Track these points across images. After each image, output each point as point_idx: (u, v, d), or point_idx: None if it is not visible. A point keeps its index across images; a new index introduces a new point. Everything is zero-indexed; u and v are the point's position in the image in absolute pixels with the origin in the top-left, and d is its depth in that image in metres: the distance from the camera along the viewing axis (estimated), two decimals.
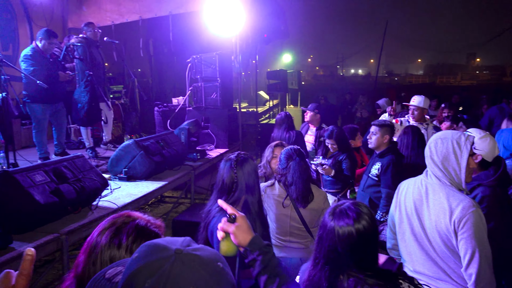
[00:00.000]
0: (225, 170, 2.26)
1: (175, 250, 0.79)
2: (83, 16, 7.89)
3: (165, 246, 0.81)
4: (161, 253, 0.79)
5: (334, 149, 4.22)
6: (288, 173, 2.88)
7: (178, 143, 5.11)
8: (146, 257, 0.79)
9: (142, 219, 1.28)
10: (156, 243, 0.83)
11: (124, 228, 1.21)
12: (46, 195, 2.89)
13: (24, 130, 6.43)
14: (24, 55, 4.99)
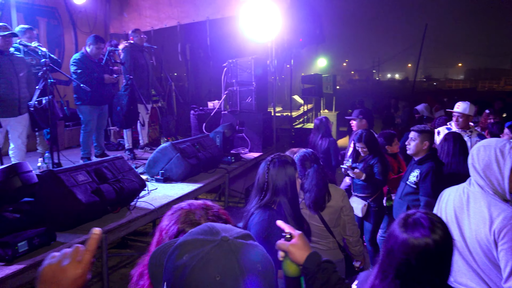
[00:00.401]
0: (260, 170, 2.29)
1: (222, 237, 0.82)
2: (124, 22, 8.17)
3: (218, 231, 0.84)
4: (211, 235, 0.83)
5: (364, 152, 4.14)
6: (305, 179, 2.88)
7: (213, 146, 5.17)
8: (197, 234, 0.84)
9: (215, 207, 1.34)
10: (213, 226, 0.86)
11: (203, 216, 1.29)
12: (88, 195, 3.00)
13: (67, 131, 6.72)
14: (73, 59, 5.29)
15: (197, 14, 7.60)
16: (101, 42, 5.38)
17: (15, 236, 2.46)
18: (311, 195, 2.83)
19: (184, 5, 7.64)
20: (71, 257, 0.97)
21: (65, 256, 0.97)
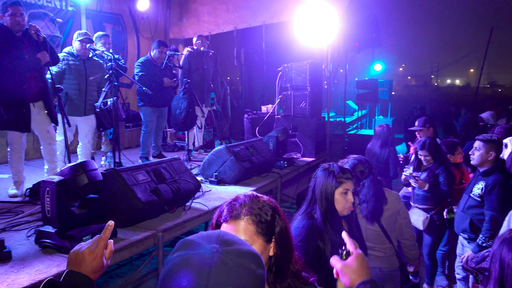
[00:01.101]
0: (312, 178, 2.25)
1: (212, 247, 0.82)
2: (183, 27, 8.43)
3: (218, 240, 0.85)
4: (208, 243, 0.84)
5: (427, 161, 3.93)
6: (361, 190, 2.78)
7: (266, 150, 5.18)
8: (201, 237, 0.87)
9: (264, 198, 1.40)
10: (220, 235, 0.87)
11: (266, 206, 1.35)
12: (147, 194, 3.10)
13: (127, 132, 7.03)
14: (137, 63, 5.59)
15: (253, 19, 7.68)
16: (164, 47, 5.62)
17: (81, 230, 2.59)
18: (369, 205, 2.74)
19: (241, 11, 7.75)
20: (89, 244, 1.21)
21: (86, 244, 1.21)
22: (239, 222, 1.31)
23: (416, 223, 3.86)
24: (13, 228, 3.02)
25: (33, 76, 3.93)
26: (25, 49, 3.89)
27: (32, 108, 4.00)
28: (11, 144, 4.02)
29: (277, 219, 1.36)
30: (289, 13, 7.14)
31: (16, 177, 4.07)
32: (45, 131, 4.18)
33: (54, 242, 2.54)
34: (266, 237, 1.32)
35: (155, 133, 5.91)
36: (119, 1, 7.41)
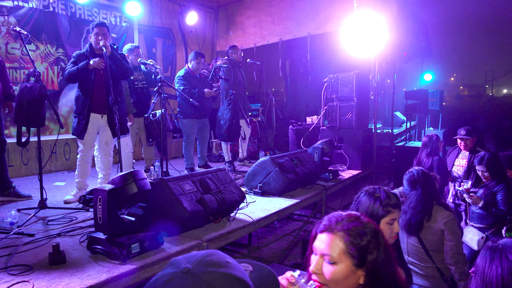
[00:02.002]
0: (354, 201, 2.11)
1: (183, 268, 0.74)
2: (230, 40, 8.59)
3: (182, 263, 0.76)
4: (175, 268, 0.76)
5: (485, 177, 3.70)
6: (406, 200, 2.69)
7: (311, 162, 5.11)
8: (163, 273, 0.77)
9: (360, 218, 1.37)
10: (178, 260, 0.78)
11: (365, 230, 1.31)
12: (193, 203, 3.14)
13: (174, 142, 7.22)
14: (177, 76, 5.70)
15: (298, 30, 7.68)
16: (201, 57, 5.73)
17: (129, 238, 2.66)
18: (406, 217, 2.65)
19: (287, 22, 7.78)
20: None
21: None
22: (331, 236, 1.30)
23: (471, 242, 3.63)
24: (67, 234, 3.16)
25: (100, 89, 4.18)
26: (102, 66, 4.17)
27: (99, 119, 4.22)
28: (80, 150, 4.28)
29: (373, 247, 1.28)
30: (336, 23, 7.07)
31: (79, 184, 4.30)
32: (104, 143, 4.38)
33: (104, 248, 2.63)
34: (356, 261, 1.27)
35: (200, 144, 6.02)
36: (170, 16, 7.69)
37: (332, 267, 1.28)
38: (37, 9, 5.55)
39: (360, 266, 1.27)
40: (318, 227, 1.35)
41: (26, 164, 5.53)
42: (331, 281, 1.27)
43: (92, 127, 4.23)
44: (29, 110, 3.55)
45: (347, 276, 1.26)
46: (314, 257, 1.34)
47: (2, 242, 2.94)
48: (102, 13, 6.44)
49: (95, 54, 4.18)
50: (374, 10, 6.24)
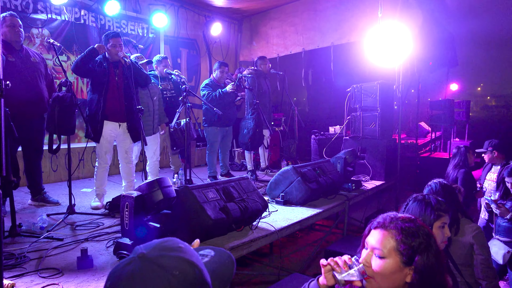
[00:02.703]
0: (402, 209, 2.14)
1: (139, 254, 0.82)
2: (253, 50, 8.69)
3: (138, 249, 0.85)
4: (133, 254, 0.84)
5: None
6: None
7: (334, 172, 5.08)
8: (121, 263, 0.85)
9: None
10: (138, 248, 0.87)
11: (418, 232, 1.38)
12: (216, 211, 3.18)
13: (197, 151, 7.31)
14: (202, 85, 5.83)
15: (322, 40, 7.71)
16: (225, 66, 5.85)
17: None
18: None
19: (310, 32, 7.82)
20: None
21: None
22: (384, 232, 1.38)
23: (496, 256, 3.52)
24: (94, 239, 3.24)
25: (117, 97, 4.27)
26: (116, 74, 4.28)
27: (116, 128, 4.32)
28: (98, 159, 4.37)
29: (424, 249, 1.34)
30: (359, 33, 7.06)
31: (98, 190, 4.39)
32: (123, 151, 4.48)
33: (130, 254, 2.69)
34: (405, 259, 1.34)
35: (222, 152, 6.09)
36: (195, 27, 7.85)
37: (381, 261, 1.36)
38: (69, 21, 5.77)
39: (408, 264, 1.34)
40: (372, 223, 1.44)
41: (55, 171, 5.71)
42: (378, 274, 1.36)
43: (108, 135, 4.29)
44: (60, 119, 3.68)
45: (394, 271, 1.34)
46: (365, 251, 1.43)
47: (33, 245, 3.04)
48: (130, 25, 6.64)
49: (109, 63, 4.27)
50: (398, 21, 6.20)
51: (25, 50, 4.20)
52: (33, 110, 4.10)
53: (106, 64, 4.22)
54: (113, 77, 4.23)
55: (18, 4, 5.20)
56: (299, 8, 7.97)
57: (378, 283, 1.37)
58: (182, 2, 7.46)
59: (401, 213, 2.07)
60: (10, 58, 4.00)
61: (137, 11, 6.71)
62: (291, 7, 8.10)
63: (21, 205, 4.32)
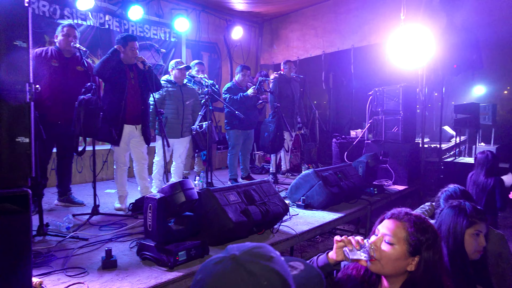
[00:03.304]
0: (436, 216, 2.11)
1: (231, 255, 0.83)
2: (273, 53, 8.71)
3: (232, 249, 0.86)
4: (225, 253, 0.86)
5: None
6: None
7: (355, 176, 5.03)
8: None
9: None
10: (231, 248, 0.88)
11: (427, 230, 1.50)
12: (237, 214, 3.19)
13: (218, 153, 7.36)
14: (224, 88, 5.88)
15: (342, 43, 7.67)
16: (246, 70, 5.89)
17: (177, 245, 2.75)
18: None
19: (330, 35, 7.79)
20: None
21: None
22: (397, 222, 1.50)
23: None
24: (118, 239, 3.30)
25: (134, 100, 4.35)
26: (132, 77, 4.35)
27: (134, 130, 4.40)
28: (116, 161, 4.45)
29: (429, 246, 1.47)
30: (381, 35, 6.99)
31: (120, 192, 4.47)
32: (139, 152, 4.54)
33: (153, 255, 2.73)
34: (412, 249, 1.47)
35: (243, 155, 6.11)
36: (216, 31, 7.93)
37: (390, 247, 1.48)
38: (94, 26, 5.92)
39: (413, 254, 1.47)
40: (386, 214, 1.57)
41: (80, 172, 5.85)
42: (384, 257, 1.49)
43: (126, 137, 4.36)
44: (86, 121, 3.76)
45: (399, 258, 1.47)
46: (374, 236, 1.56)
47: (59, 245, 3.12)
48: (153, 29, 6.75)
49: (124, 65, 4.32)
50: (421, 23, 6.11)
51: (75, 58, 4.35)
52: (66, 115, 4.20)
53: (121, 67, 4.30)
54: (129, 80, 4.31)
55: (46, 10, 5.37)
56: (320, 11, 7.95)
57: (382, 266, 1.49)
58: (203, 7, 7.54)
59: (435, 222, 2.07)
60: (53, 63, 4.19)
61: (159, 16, 6.82)
62: (311, 10, 8.09)
63: (48, 205, 4.44)
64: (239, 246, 0.87)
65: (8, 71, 1.89)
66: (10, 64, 1.88)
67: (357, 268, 1.62)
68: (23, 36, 1.90)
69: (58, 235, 3.32)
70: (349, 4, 7.46)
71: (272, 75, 6.51)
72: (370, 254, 1.50)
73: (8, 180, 1.94)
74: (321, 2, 7.83)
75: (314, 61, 8.43)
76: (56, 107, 4.14)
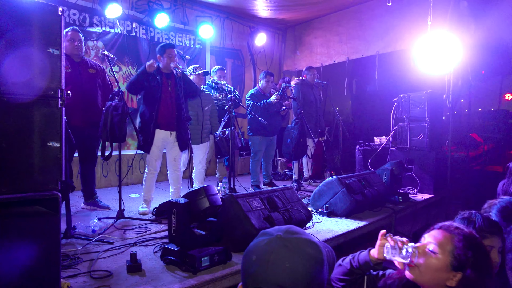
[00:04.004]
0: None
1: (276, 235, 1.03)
2: (296, 60, 8.70)
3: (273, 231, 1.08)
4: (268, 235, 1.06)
5: None
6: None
7: (379, 184, 4.96)
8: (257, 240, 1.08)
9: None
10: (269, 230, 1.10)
11: (476, 249, 1.45)
12: (260, 221, 3.18)
13: (240, 159, 7.37)
14: (248, 94, 5.90)
15: (366, 49, 7.58)
16: (270, 76, 5.90)
17: (200, 251, 2.76)
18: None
19: (355, 41, 7.72)
20: None
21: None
22: (446, 234, 1.46)
23: None
24: (142, 243, 3.34)
25: (169, 107, 4.41)
26: (169, 85, 4.42)
27: (168, 136, 4.46)
28: (148, 165, 4.52)
29: (476, 266, 1.39)
30: (407, 41, 6.89)
31: (146, 196, 4.54)
32: (172, 159, 4.60)
33: (177, 259, 2.74)
34: (455, 264, 1.40)
35: (265, 161, 6.10)
36: (240, 37, 7.99)
37: (433, 255, 1.43)
38: (121, 34, 6.06)
39: (455, 269, 1.40)
40: (436, 225, 1.53)
41: (105, 176, 5.96)
42: (424, 264, 1.44)
43: (159, 143, 4.42)
44: (112, 127, 3.84)
45: (440, 269, 1.41)
46: (419, 243, 1.51)
47: (85, 248, 3.18)
48: (178, 36, 6.86)
49: (163, 74, 4.42)
50: (448, 29, 5.99)
51: (84, 62, 4.45)
52: (86, 118, 4.31)
53: (159, 77, 4.36)
54: (166, 88, 4.38)
55: (76, 18, 5.53)
56: (344, 17, 7.90)
57: (420, 273, 1.44)
58: (228, 14, 7.61)
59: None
60: (67, 70, 4.25)
61: (184, 23, 6.93)
62: (335, 16, 8.05)
63: (74, 209, 4.53)
64: (275, 228, 1.09)
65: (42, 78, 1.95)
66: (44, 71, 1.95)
67: (400, 277, 1.56)
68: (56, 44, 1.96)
69: (84, 238, 3.38)
70: (373, 10, 7.38)
71: (293, 80, 6.49)
72: (411, 258, 1.45)
73: (39, 183, 2.00)
74: (345, 8, 7.78)
75: (338, 68, 8.37)
76: (76, 111, 4.23)
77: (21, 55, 1.94)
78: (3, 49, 1.91)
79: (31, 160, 1.98)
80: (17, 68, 1.94)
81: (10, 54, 1.90)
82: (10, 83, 1.90)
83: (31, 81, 1.97)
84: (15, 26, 1.93)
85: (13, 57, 1.92)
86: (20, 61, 1.95)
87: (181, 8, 6.86)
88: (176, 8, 6.75)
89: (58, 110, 2.05)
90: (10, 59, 1.91)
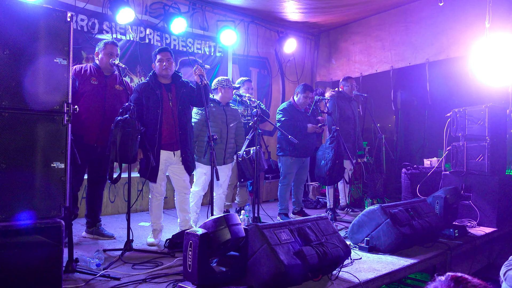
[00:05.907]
0: None
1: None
2: (331, 69, 8.71)
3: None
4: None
5: None
6: None
7: (431, 214, 4.83)
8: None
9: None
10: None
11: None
12: (290, 256, 3.14)
13: (266, 184, 7.36)
14: (280, 108, 5.95)
15: (414, 57, 7.52)
16: (310, 91, 5.88)
17: None
18: None
19: (400, 47, 7.68)
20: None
21: None
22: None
23: None
24: (153, 280, 3.35)
25: (171, 124, 4.46)
26: (170, 99, 4.48)
27: (171, 157, 4.50)
28: (151, 191, 4.56)
29: None
30: (461, 47, 6.81)
31: (154, 225, 4.57)
32: (180, 180, 4.63)
33: None
34: None
35: (295, 186, 6.06)
36: (266, 44, 8.08)
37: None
38: (133, 41, 6.24)
39: None
40: (447, 274, 1.42)
41: (112, 202, 6.05)
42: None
43: (162, 165, 4.44)
44: (122, 145, 3.91)
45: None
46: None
47: (89, 284, 3.21)
48: (197, 43, 7.00)
49: (160, 84, 4.47)
50: (510, 32, 5.89)
51: (114, 77, 4.62)
52: (102, 137, 4.41)
53: (159, 92, 4.41)
54: (167, 103, 4.43)
55: (84, 25, 5.74)
56: (387, 20, 7.89)
57: None
58: (253, 18, 7.73)
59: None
60: (93, 81, 4.46)
61: (204, 29, 7.07)
62: (376, 19, 8.04)
63: (76, 238, 4.60)
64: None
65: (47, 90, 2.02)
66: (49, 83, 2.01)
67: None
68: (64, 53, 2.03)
69: (88, 272, 3.41)
70: (421, 11, 7.34)
71: (328, 92, 6.46)
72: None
73: (41, 209, 2.04)
74: (387, 10, 7.77)
75: (380, 78, 8.32)
76: (93, 128, 4.36)
77: (25, 66, 2.01)
78: (6, 59, 1.98)
79: (33, 183, 2.03)
80: (20, 80, 2.01)
81: (13, 64, 1.97)
82: (11, 97, 1.97)
83: (35, 95, 2.03)
84: (20, 33, 2.01)
85: (16, 68, 1.99)
86: (24, 72, 2.02)
87: (201, 11, 7.02)
88: (195, 12, 6.92)
89: (64, 126, 2.10)
90: (13, 70, 1.98)
